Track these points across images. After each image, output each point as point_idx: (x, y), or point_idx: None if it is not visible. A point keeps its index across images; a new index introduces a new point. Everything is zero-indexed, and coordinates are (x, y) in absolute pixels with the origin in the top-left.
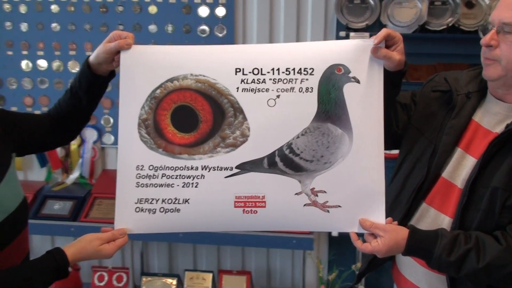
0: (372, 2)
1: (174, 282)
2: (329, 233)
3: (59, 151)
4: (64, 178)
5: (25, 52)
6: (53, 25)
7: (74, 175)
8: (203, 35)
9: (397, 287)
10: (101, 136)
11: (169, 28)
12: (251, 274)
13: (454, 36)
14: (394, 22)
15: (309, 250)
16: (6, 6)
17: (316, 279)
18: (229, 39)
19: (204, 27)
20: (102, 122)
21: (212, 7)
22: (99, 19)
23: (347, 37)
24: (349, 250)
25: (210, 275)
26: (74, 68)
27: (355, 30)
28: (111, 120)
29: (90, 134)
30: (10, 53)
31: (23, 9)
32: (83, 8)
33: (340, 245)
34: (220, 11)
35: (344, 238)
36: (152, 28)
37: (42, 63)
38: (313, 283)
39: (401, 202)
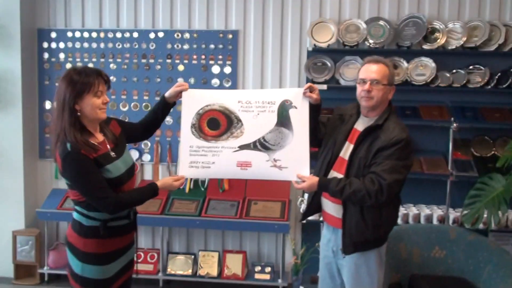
0: (329, 64)
1: (191, 258)
2: (301, 221)
3: None
4: None
5: None
6: (111, 77)
7: None
8: (215, 85)
9: (324, 221)
10: (141, 155)
11: (192, 80)
12: (246, 253)
13: None
14: (344, 78)
15: (287, 232)
16: (63, 57)
17: (292, 254)
18: (233, 88)
19: (216, 80)
20: (142, 145)
21: (222, 66)
22: (143, 74)
23: None
24: (314, 232)
25: (217, 253)
26: (125, 107)
27: (318, 83)
28: (149, 144)
29: (133, 154)
30: None
31: (90, 65)
32: (132, 67)
33: (309, 229)
34: (227, 70)
35: (311, 224)
36: (180, 80)
37: None
38: (291, 257)
39: (322, 170)
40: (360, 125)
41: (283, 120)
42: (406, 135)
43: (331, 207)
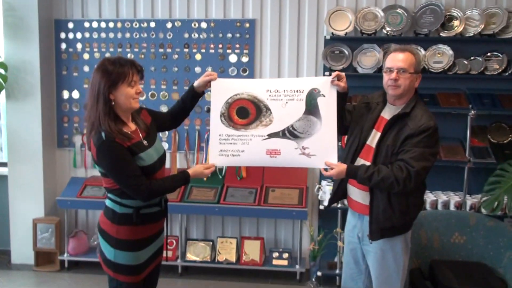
0: (346, 53)
1: (210, 245)
2: (318, 207)
3: None
4: None
5: None
6: None
7: None
8: (233, 74)
9: (349, 208)
10: None
11: (209, 69)
12: (264, 239)
13: None
14: (361, 66)
15: (304, 219)
16: (80, 47)
17: (309, 240)
18: (250, 77)
19: (233, 68)
20: (160, 134)
21: (239, 55)
22: (160, 63)
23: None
24: (331, 219)
25: (235, 240)
26: (142, 96)
27: (335, 71)
28: (166, 132)
29: None
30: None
31: (107, 55)
32: (150, 56)
33: (326, 215)
34: (244, 58)
35: (328, 210)
36: (197, 69)
37: None
38: (308, 243)
39: (348, 157)
40: (386, 113)
41: (311, 108)
42: (433, 123)
43: (357, 194)
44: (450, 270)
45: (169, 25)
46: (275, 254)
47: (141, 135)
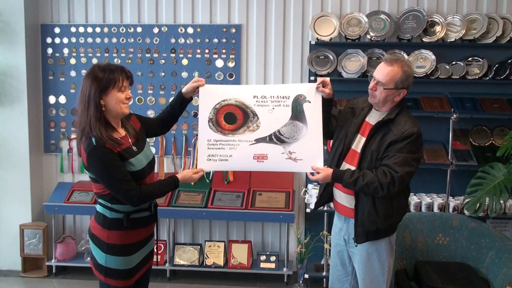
0: (331, 57)
1: (198, 249)
2: (305, 210)
3: None
4: None
5: None
6: None
7: None
8: (219, 79)
9: (335, 211)
10: None
11: (196, 74)
12: (251, 242)
13: None
14: (346, 70)
15: (291, 222)
16: (67, 52)
17: (296, 243)
18: (236, 82)
19: (220, 73)
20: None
21: (226, 60)
22: (147, 68)
23: (314, 80)
24: (318, 222)
25: (223, 243)
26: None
27: (321, 76)
28: (154, 138)
29: None
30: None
31: (95, 61)
32: (137, 61)
33: (312, 218)
34: (231, 63)
35: (314, 213)
36: (184, 74)
37: None
38: (295, 246)
39: (334, 162)
40: (371, 119)
41: (298, 114)
42: (417, 129)
43: (343, 197)
44: (434, 271)
45: (155, 30)
46: (263, 257)
47: (130, 141)
